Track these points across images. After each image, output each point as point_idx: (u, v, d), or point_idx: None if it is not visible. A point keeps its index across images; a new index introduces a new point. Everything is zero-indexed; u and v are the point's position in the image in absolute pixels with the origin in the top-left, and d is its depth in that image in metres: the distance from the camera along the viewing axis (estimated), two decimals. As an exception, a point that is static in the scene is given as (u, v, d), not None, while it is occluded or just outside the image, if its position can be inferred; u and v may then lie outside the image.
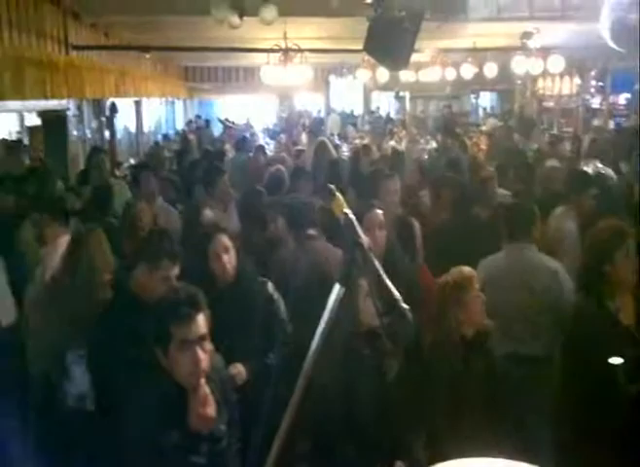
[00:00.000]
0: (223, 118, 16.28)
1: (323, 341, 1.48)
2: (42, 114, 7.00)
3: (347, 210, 1.54)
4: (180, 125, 16.30)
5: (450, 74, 10.52)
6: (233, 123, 15.98)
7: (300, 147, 9.35)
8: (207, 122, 15.23)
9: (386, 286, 1.52)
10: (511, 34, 8.57)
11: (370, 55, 5.43)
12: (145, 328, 2.05)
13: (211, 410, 2.03)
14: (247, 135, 13.44)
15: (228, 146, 10.42)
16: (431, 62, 10.42)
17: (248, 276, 3.06)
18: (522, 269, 3.48)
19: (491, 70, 10.36)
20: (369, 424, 2.43)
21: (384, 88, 14.95)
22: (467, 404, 2.53)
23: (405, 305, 1.52)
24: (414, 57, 5.08)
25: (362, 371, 2.50)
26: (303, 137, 11.86)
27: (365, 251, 1.51)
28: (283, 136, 11.78)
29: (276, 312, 3.10)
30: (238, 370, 2.82)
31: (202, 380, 2.04)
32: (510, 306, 3.35)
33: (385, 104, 18.85)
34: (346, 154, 9.19)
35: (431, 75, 10.60)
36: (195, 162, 7.32)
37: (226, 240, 3.00)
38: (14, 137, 8.14)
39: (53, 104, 6.61)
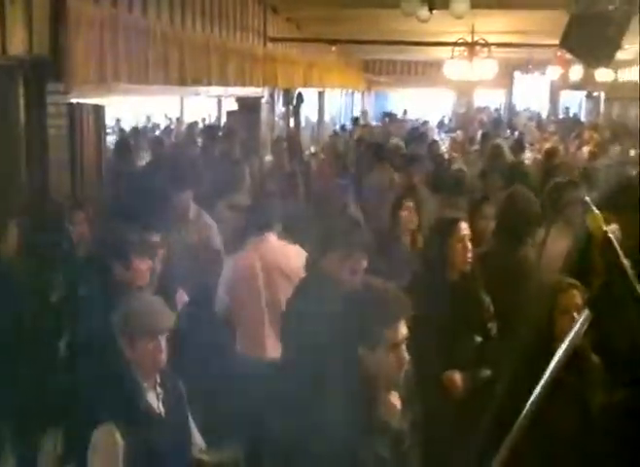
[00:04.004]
0: (391, 111, 16.25)
1: (557, 371, 1.33)
2: (238, 100, 7.57)
3: (606, 228, 1.37)
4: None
5: (657, 73, 9.52)
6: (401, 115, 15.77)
7: (476, 147, 8.99)
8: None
9: None
10: None
11: (567, 51, 5.09)
12: (345, 321, 1.93)
13: (396, 399, 1.92)
14: (420, 129, 13.28)
15: (396, 140, 10.30)
16: (634, 61, 9.53)
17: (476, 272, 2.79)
18: None
19: None
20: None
21: (575, 87, 13.92)
22: None
23: None
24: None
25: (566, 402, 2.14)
26: (479, 136, 11.39)
27: (626, 275, 1.33)
28: (460, 133, 11.40)
29: (491, 318, 2.78)
30: (452, 378, 2.62)
31: None
32: None
33: (575, 105, 17.55)
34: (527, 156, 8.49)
35: (633, 75, 9.70)
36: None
37: (467, 228, 2.77)
38: (212, 120, 9.02)
39: (249, 91, 7.13)
